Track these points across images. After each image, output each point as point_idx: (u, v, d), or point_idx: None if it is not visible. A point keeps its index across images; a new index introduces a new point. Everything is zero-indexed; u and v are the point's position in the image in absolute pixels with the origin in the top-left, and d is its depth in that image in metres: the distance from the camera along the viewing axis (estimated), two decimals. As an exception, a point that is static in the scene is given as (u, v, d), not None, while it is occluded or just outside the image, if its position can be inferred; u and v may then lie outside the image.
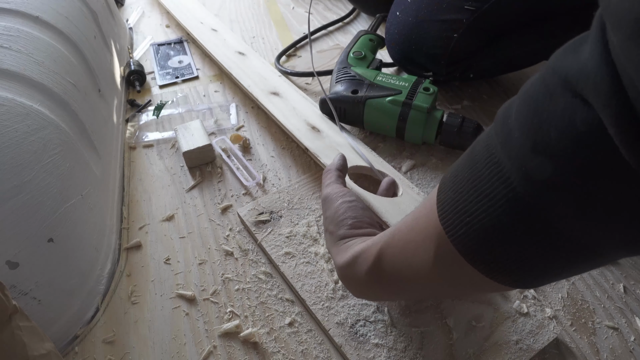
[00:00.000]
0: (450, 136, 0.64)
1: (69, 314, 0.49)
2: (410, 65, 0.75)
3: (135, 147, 0.73)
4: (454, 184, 0.30)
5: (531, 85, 0.26)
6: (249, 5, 1.10)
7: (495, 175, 0.26)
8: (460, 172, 0.30)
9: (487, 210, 0.27)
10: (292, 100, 0.72)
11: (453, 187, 0.30)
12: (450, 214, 0.29)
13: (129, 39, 0.97)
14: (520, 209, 0.26)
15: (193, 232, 0.60)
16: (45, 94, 0.52)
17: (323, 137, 0.65)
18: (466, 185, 0.29)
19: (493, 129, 0.28)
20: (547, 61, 0.26)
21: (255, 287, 0.53)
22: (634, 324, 0.49)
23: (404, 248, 0.35)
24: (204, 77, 0.87)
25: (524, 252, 0.27)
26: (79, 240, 0.51)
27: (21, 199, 0.44)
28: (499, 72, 0.79)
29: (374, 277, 0.38)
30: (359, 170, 0.61)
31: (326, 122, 0.68)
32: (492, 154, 0.27)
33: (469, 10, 0.66)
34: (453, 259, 0.30)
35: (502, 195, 0.26)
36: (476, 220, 0.28)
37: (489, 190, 0.27)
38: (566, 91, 0.23)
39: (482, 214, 0.27)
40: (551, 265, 0.28)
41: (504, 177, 0.26)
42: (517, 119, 0.26)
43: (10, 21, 0.55)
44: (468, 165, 0.29)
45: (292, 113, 0.69)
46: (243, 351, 0.48)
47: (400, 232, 0.36)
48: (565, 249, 0.26)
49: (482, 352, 0.46)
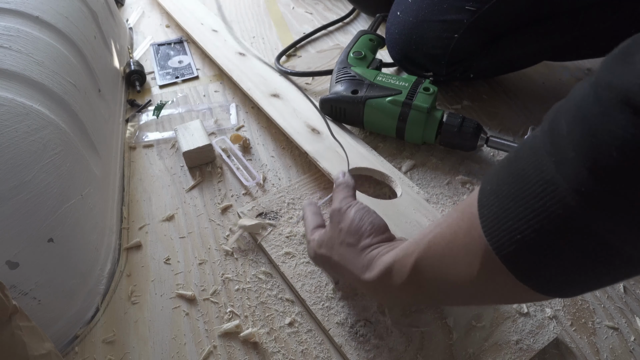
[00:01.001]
0: (450, 136, 0.64)
1: (69, 314, 0.49)
2: (411, 65, 0.75)
3: (135, 147, 0.73)
4: (498, 200, 0.30)
5: (581, 100, 0.26)
6: (249, 5, 1.10)
7: (549, 194, 0.26)
8: (505, 188, 0.29)
9: (541, 229, 0.27)
10: (292, 101, 0.72)
11: (498, 203, 0.29)
12: (498, 231, 0.29)
13: (129, 39, 0.97)
14: (578, 229, 0.26)
15: (193, 232, 0.60)
16: (45, 94, 0.52)
17: (323, 138, 0.65)
18: (515, 203, 0.28)
19: (542, 145, 0.27)
20: (596, 73, 0.25)
21: (255, 287, 0.53)
22: (634, 324, 0.49)
23: (442, 261, 0.34)
24: (204, 77, 0.87)
25: (577, 269, 0.27)
26: (79, 240, 0.51)
27: (21, 199, 0.44)
28: (499, 72, 0.79)
29: (411, 289, 0.38)
30: (359, 172, 0.61)
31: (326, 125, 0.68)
32: (544, 172, 0.27)
33: (470, 11, 0.66)
34: (499, 275, 0.30)
35: (557, 215, 0.26)
36: (529, 239, 0.28)
37: (542, 209, 0.27)
38: (626, 108, 0.22)
39: (534, 232, 0.27)
40: (601, 279, 0.28)
41: (559, 196, 0.26)
42: (571, 137, 0.25)
43: (10, 21, 0.55)
44: (515, 182, 0.29)
45: (292, 115, 0.69)
46: (243, 351, 0.48)
47: (437, 245, 0.35)
48: (620, 266, 0.27)
49: (482, 352, 0.46)
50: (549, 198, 0.26)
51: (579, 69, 0.84)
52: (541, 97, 0.79)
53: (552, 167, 0.26)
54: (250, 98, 0.74)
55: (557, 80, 0.82)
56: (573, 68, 0.84)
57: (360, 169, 0.61)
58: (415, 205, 0.56)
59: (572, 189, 0.25)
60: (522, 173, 0.28)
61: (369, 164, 0.62)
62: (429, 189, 0.63)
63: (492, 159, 0.68)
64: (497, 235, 0.29)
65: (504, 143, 0.63)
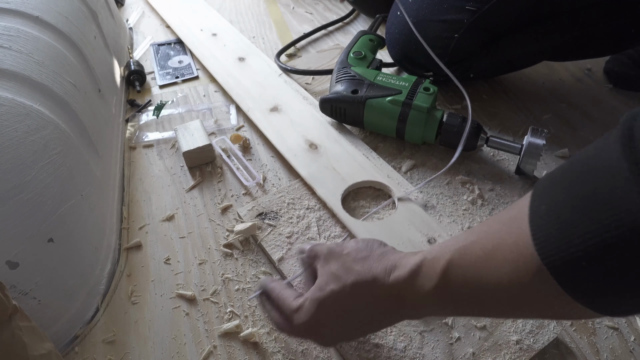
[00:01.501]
0: (450, 136, 0.64)
1: (69, 314, 0.49)
2: (411, 65, 0.75)
3: (135, 147, 0.72)
4: (559, 224, 0.27)
5: None
6: (249, 5, 1.10)
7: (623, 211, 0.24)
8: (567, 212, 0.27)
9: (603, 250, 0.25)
10: (291, 111, 0.72)
11: (558, 227, 0.27)
12: (554, 251, 0.27)
13: (129, 39, 0.97)
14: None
15: (193, 232, 0.60)
16: (45, 94, 0.52)
17: (320, 154, 0.65)
18: (576, 220, 0.26)
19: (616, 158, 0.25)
20: None
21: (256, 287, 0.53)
22: (634, 324, 0.49)
23: (481, 268, 0.32)
24: (203, 77, 0.87)
25: (635, 290, 0.26)
26: (79, 240, 0.51)
27: (21, 199, 0.44)
28: (499, 72, 0.79)
29: (441, 294, 0.35)
30: (361, 185, 0.62)
31: (325, 133, 0.68)
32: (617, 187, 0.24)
33: (470, 11, 0.66)
34: (550, 292, 0.29)
35: (625, 236, 0.24)
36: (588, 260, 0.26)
37: (607, 228, 0.25)
38: None
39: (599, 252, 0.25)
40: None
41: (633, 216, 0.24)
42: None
43: (10, 21, 0.55)
44: (581, 207, 0.26)
45: (290, 129, 0.69)
46: (243, 351, 0.48)
47: (474, 253, 0.33)
48: None
49: (482, 352, 0.46)
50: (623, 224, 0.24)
51: (579, 69, 0.84)
52: (541, 97, 0.79)
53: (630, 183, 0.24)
54: (249, 118, 0.74)
55: (557, 80, 0.82)
56: (573, 68, 0.84)
57: (358, 183, 0.61)
58: (411, 217, 0.56)
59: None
60: (590, 195, 0.26)
61: (368, 175, 0.62)
62: (429, 189, 0.63)
63: (492, 159, 0.68)
64: (553, 255, 0.27)
65: (504, 143, 0.63)
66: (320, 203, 0.60)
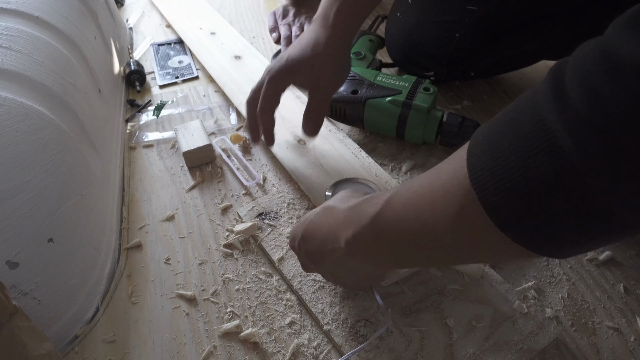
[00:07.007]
0: (450, 136, 0.64)
1: (69, 314, 0.49)
2: (411, 65, 0.75)
3: (135, 147, 0.72)
4: (490, 149, 0.29)
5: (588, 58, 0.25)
6: (249, 5, 1.10)
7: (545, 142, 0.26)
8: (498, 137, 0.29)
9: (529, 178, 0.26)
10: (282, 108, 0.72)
11: (489, 152, 0.29)
12: (485, 179, 0.28)
13: (129, 39, 0.97)
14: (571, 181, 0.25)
15: (193, 232, 0.60)
16: (45, 94, 0.52)
17: (308, 150, 0.65)
18: (506, 152, 0.28)
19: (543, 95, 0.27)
20: (599, 38, 0.25)
21: (255, 287, 0.53)
22: (634, 324, 0.49)
23: (417, 201, 0.34)
24: (203, 77, 0.87)
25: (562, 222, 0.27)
26: (79, 240, 0.51)
27: (21, 199, 0.44)
28: (500, 72, 0.79)
29: (378, 224, 0.37)
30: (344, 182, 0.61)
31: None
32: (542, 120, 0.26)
33: (471, 11, 0.66)
34: (479, 222, 0.29)
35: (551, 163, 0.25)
36: (516, 188, 0.27)
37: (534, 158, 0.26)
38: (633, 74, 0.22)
39: (523, 181, 0.26)
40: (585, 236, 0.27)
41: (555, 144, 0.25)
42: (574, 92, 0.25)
43: (10, 21, 0.55)
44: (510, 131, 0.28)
45: (279, 125, 0.69)
46: (243, 351, 0.48)
47: (415, 186, 0.35)
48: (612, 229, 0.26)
49: (482, 352, 0.46)
50: (545, 146, 0.25)
51: (579, 69, 0.84)
52: (541, 97, 0.79)
53: (552, 115, 0.25)
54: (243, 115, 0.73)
55: (557, 80, 0.82)
56: (573, 68, 0.84)
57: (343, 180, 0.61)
58: None
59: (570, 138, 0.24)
60: (517, 121, 0.28)
61: (355, 173, 0.62)
62: (429, 189, 0.63)
63: (492, 159, 0.68)
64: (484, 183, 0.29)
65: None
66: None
